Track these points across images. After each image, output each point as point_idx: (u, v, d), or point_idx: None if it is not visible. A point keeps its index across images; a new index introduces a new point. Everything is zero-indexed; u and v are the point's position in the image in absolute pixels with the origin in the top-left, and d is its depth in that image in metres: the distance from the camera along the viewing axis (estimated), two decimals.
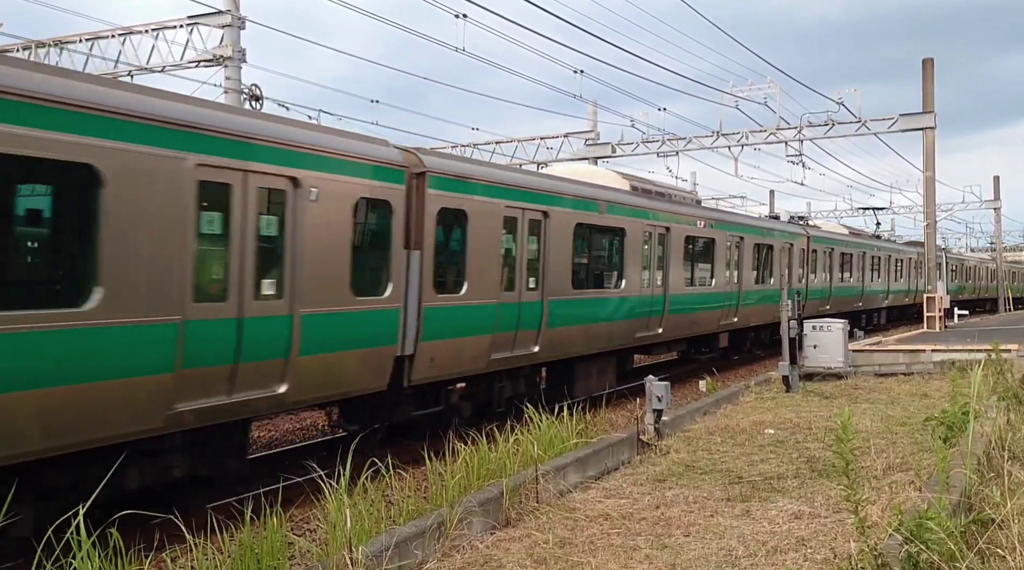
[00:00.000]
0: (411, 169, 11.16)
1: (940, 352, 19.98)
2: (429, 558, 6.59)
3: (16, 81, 6.73)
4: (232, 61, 19.75)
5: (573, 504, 8.14)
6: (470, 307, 12.19)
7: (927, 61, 30.45)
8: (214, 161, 8.29)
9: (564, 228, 14.58)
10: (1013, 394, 10.88)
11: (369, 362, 10.44)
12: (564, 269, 14.58)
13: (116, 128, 7.35)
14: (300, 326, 9.22)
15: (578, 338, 15.13)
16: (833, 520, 7.18)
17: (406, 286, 11.01)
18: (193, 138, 8.07)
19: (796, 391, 15.54)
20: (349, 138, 10.50)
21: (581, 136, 35.13)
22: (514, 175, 14.47)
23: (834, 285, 31.53)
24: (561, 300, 14.42)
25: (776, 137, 32.76)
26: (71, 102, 7.01)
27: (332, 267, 9.75)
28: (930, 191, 31.09)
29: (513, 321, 13.18)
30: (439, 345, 11.59)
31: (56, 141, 6.89)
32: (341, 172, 9.84)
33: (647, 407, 11.14)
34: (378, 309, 10.50)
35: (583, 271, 15.50)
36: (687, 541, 6.90)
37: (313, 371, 9.48)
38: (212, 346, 8.30)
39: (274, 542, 6.48)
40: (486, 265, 12.55)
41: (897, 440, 10.50)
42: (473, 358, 12.39)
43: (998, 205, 60.75)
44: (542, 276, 14.02)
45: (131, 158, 7.48)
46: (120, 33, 21.68)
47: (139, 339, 7.59)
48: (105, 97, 7.36)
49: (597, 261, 16.31)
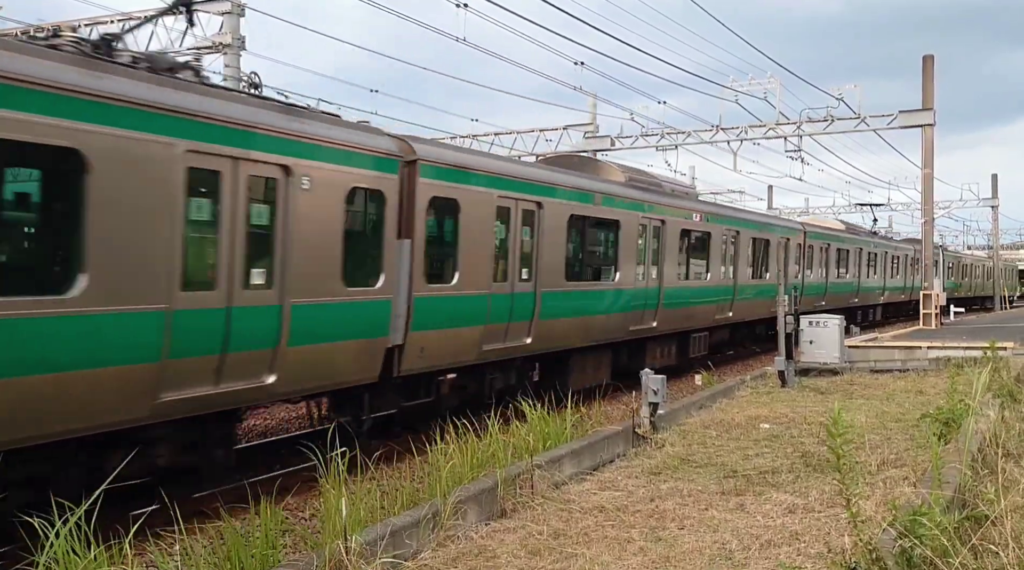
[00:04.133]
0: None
1: (936, 349, 20.01)
2: (424, 548, 6.59)
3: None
4: (231, 49, 19.69)
5: (568, 496, 8.14)
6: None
7: (927, 58, 30.40)
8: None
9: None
10: (1008, 392, 10.92)
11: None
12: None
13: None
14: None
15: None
16: (827, 515, 7.19)
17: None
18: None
19: (792, 386, 15.56)
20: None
21: (580, 128, 35.06)
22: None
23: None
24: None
25: (775, 132, 32.72)
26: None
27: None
28: (928, 188, 31.07)
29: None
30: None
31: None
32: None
33: (643, 400, 11.15)
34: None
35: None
36: (681, 534, 6.91)
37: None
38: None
39: (268, 529, 6.47)
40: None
41: (892, 436, 10.51)
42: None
43: (996, 203, 60.84)
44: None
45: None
46: (119, 19, 21.59)
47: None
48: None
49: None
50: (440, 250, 12.10)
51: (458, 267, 12.08)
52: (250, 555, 6.16)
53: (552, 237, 14.31)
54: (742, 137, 33.27)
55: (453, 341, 12.04)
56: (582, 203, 15.29)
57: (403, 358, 11.18)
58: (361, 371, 10.50)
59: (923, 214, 32.22)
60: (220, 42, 19.81)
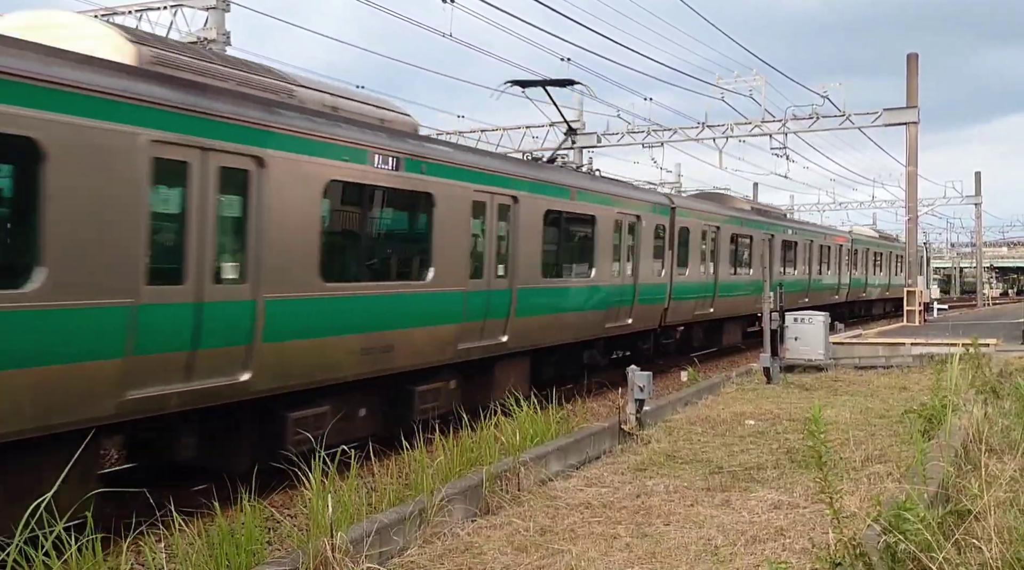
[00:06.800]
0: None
1: (920, 346, 20.15)
2: (410, 545, 6.59)
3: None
4: (216, 44, 19.57)
5: (554, 492, 8.15)
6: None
7: (912, 56, 30.55)
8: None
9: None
10: (991, 388, 10.99)
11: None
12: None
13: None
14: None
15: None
16: (812, 510, 7.22)
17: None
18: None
19: (777, 383, 15.64)
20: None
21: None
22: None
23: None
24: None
25: (761, 130, 32.85)
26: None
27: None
28: (912, 186, 31.26)
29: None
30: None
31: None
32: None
33: (629, 397, 11.17)
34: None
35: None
36: (667, 530, 6.93)
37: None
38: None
39: (251, 526, 6.43)
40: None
41: (876, 432, 10.58)
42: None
43: (979, 201, 61.28)
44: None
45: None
46: (104, 13, 21.44)
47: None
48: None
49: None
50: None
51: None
52: (236, 551, 6.13)
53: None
54: (728, 134, 33.39)
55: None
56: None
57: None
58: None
59: (907, 211, 32.41)
60: (205, 37, 19.69)
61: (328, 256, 9.87)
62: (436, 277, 11.82)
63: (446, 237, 12.04)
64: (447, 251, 12.06)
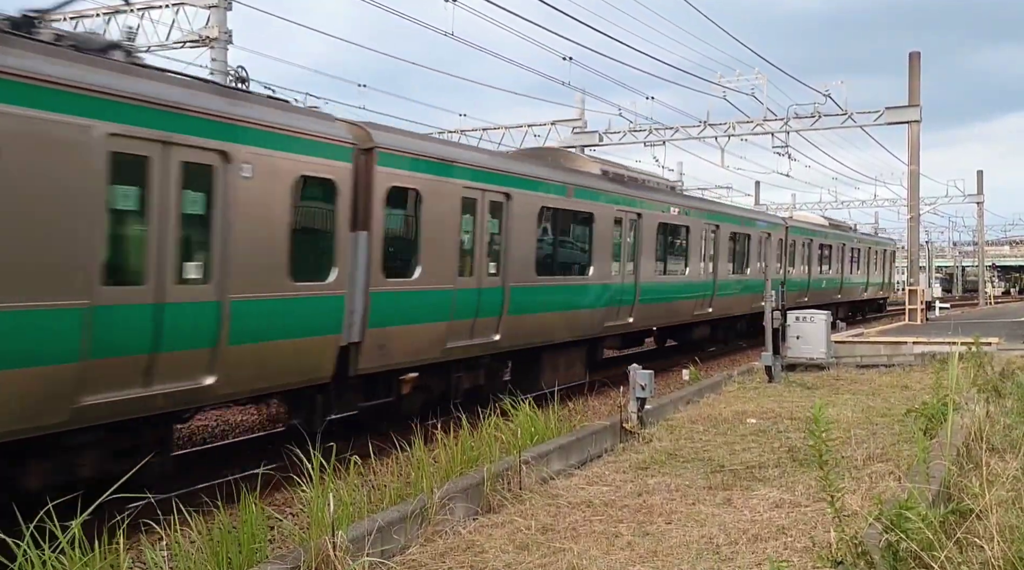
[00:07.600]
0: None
1: (921, 344, 20.14)
2: (412, 543, 6.58)
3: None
4: (218, 42, 19.57)
5: (556, 491, 8.15)
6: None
7: (914, 55, 30.53)
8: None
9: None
10: (993, 387, 10.98)
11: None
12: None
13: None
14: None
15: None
16: (814, 509, 7.22)
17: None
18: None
19: (778, 381, 15.62)
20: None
21: (569, 124, 35.04)
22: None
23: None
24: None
25: (763, 128, 32.84)
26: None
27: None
28: (914, 185, 31.24)
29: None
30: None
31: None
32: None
33: (630, 395, 11.16)
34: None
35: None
36: (669, 528, 6.92)
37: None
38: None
39: (253, 525, 6.43)
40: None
41: (878, 431, 10.57)
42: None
43: (981, 199, 61.21)
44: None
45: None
46: (105, 12, 21.44)
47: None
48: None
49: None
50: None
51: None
52: (237, 550, 6.14)
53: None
54: (729, 133, 33.38)
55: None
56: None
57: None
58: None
59: (909, 210, 32.39)
60: (207, 36, 19.69)
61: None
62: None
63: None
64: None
